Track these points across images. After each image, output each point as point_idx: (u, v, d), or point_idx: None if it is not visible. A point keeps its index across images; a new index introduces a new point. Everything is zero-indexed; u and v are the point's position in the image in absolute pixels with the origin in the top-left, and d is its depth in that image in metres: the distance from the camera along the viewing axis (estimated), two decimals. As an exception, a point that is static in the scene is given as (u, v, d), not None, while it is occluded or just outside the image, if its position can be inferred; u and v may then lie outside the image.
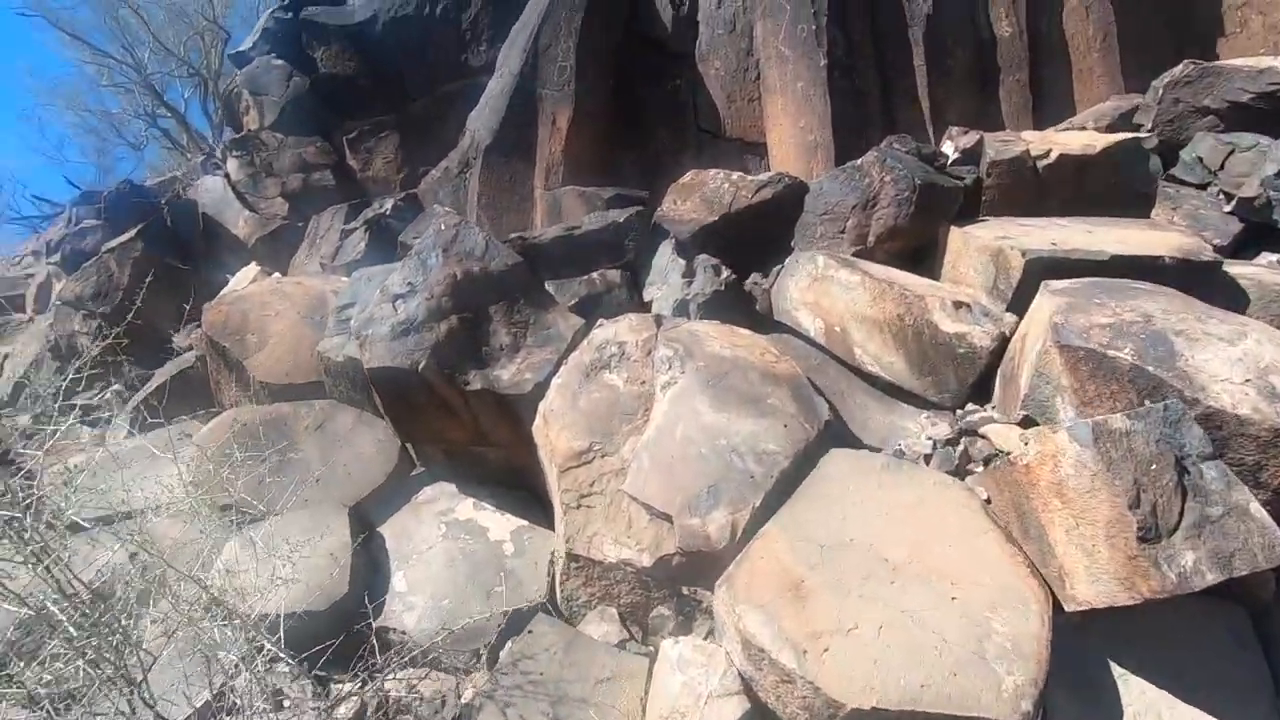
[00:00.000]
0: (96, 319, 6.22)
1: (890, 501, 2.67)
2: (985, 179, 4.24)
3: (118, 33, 10.94)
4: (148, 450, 4.34)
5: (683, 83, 7.20)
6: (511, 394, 3.54)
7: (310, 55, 7.46)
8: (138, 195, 7.59)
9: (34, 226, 11.53)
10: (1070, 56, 7.00)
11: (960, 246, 3.88)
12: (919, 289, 3.58)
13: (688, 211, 4.63)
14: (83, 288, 6.27)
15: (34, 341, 6.56)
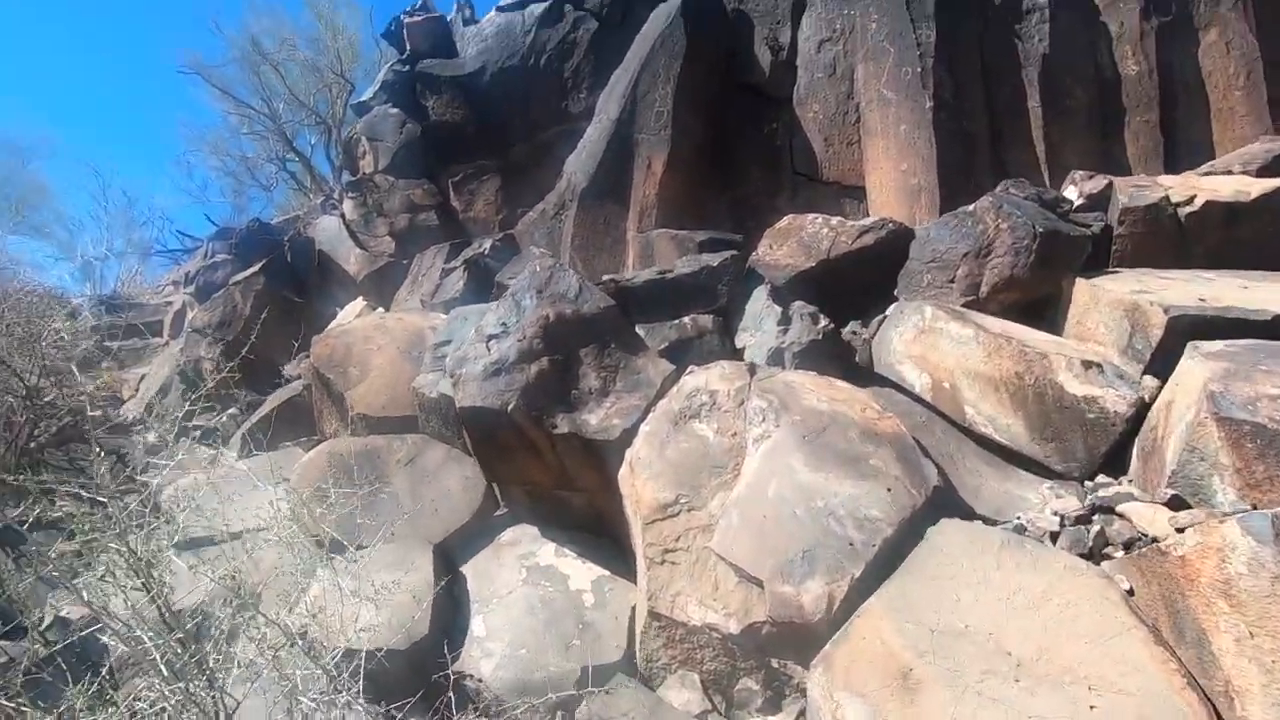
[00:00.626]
0: (220, 346, 6.69)
1: (1012, 585, 2.38)
2: (1116, 227, 3.89)
3: (258, 87, 12.06)
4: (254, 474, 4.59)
5: (779, 126, 7.13)
6: (598, 439, 3.48)
7: (423, 104, 7.92)
8: (265, 233, 8.21)
9: (176, 259, 12.74)
10: (1208, 95, 6.47)
11: (1088, 300, 3.54)
12: (1041, 345, 3.28)
13: (784, 257, 4.50)
14: (210, 317, 6.78)
15: (166, 365, 7.13)
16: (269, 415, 5.58)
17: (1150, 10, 6.46)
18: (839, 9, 6.86)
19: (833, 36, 6.89)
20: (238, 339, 6.68)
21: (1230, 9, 6.36)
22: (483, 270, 5.98)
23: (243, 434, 5.61)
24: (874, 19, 6.64)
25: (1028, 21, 6.65)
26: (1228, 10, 6.37)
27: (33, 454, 5.47)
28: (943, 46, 6.39)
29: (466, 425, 3.61)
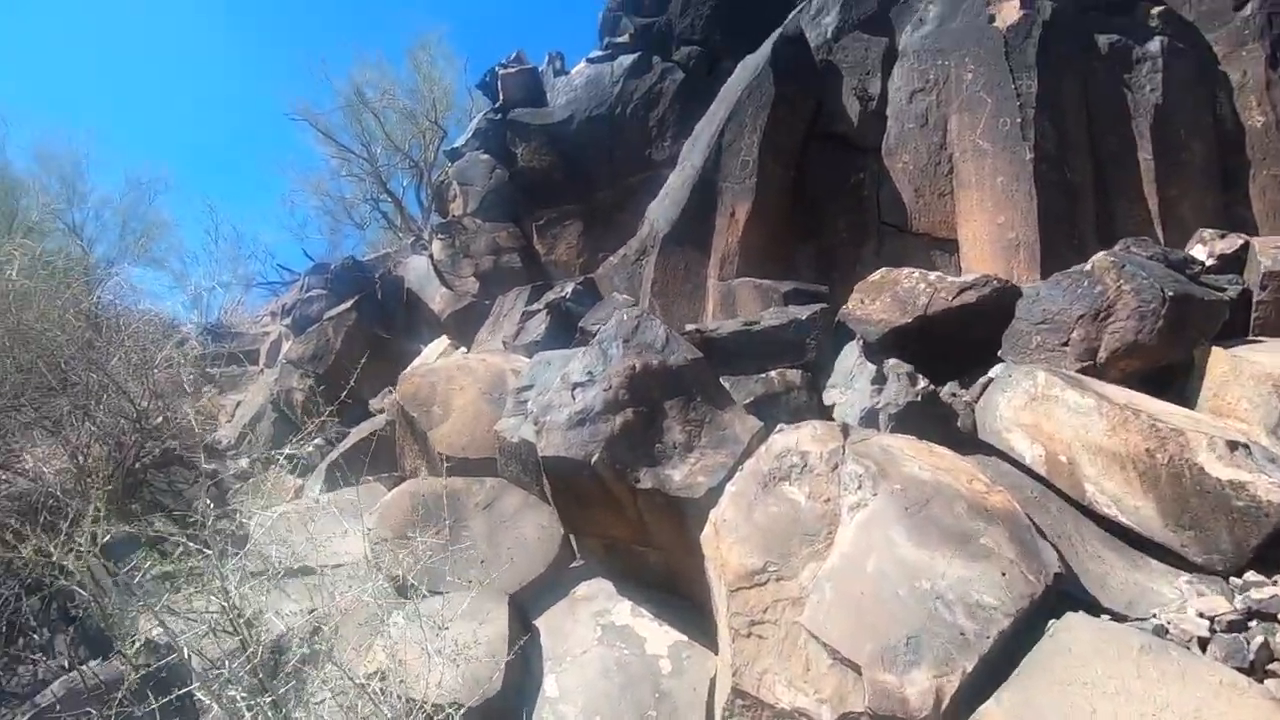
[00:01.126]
0: (311, 378, 6.97)
1: (1158, 700, 2.10)
2: (1258, 292, 3.55)
3: (359, 132, 12.84)
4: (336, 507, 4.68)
5: (866, 176, 6.99)
6: (681, 496, 3.35)
7: (512, 151, 8.20)
8: (358, 270, 8.59)
9: (275, 291, 13.53)
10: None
11: (1228, 372, 3.22)
12: (1175, 420, 2.98)
13: (877, 312, 4.32)
14: (304, 349, 7.09)
15: (261, 393, 7.48)
16: (353, 448, 5.73)
17: (1278, 58, 6.06)
18: (933, 60, 6.72)
19: (925, 87, 6.75)
20: (328, 372, 6.96)
21: (1372, 57, 5.89)
22: (564, 314, 6.03)
23: (327, 465, 5.77)
24: (970, 69, 6.47)
25: (1138, 71, 6.34)
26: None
27: (137, 474, 5.77)
28: (1044, 96, 6.15)
29: (548, 474, 3.56)
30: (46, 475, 5.08)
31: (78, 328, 6.07)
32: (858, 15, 7.27)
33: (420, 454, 5.04)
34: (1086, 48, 6.45)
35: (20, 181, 11.99)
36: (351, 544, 3.91)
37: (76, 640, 4.32)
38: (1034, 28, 6.27)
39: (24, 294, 6.61)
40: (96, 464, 5.38)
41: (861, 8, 7.29)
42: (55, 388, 5.30)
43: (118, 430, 5.95)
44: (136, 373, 6.38)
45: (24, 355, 5.43)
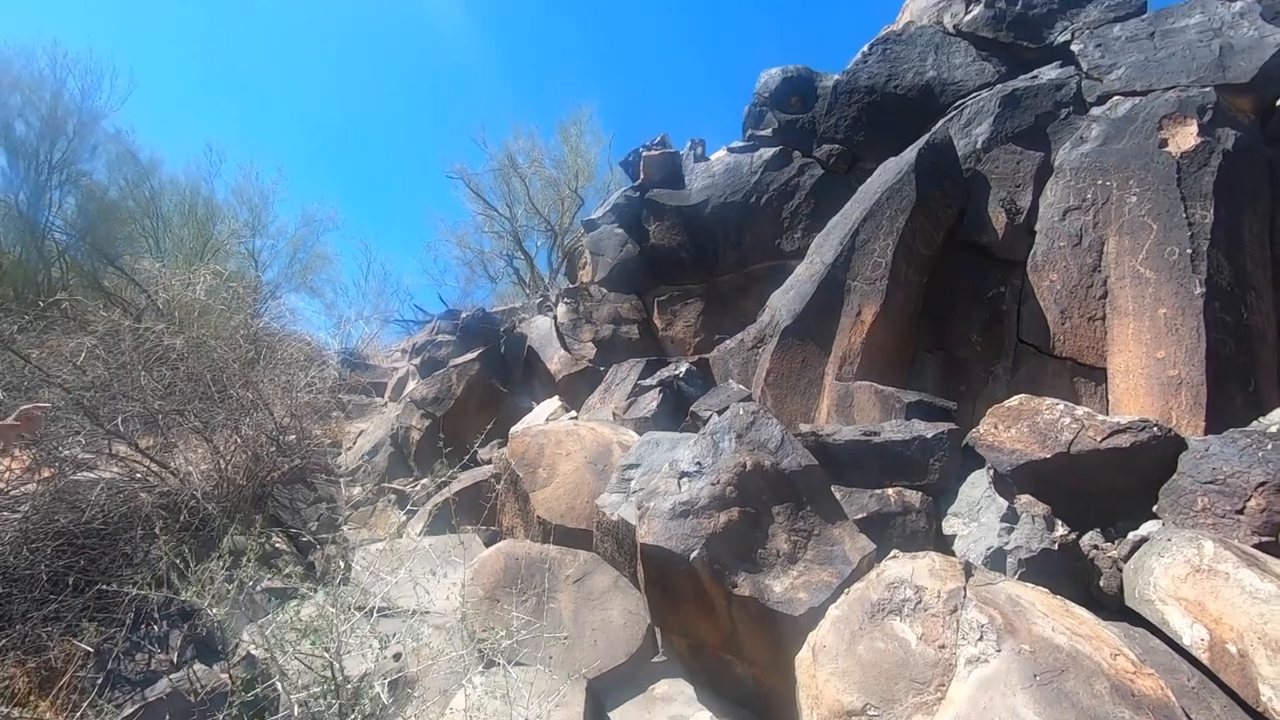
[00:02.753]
0: (430, 419, 7.34)
1: None
2: None
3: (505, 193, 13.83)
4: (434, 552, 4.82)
5: (1007, 291, 6.69)
6: (779, 610, 3.19)
7: (645, 228, 8.52)
8: (486, 321, 9.10)
9: (408, 329, 14.56)
10: None
11: None
12: (1383, 631, 2.52)
13: (1011, 441, 4.03)
14: (427, 391, 7.50)
15: (382, 426, 7.95)
16: (457, 494, 5.92)
17: None
18: (1092, 179, 6.43)
19: (1082, 205, 6.43)
20: (446, 416, 7.31)
21: None
22: (676, 392, 6.06)
23: (431, 507, 5.99)
24: (1134, 192, 6.13)
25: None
26: None
27: (266, 488, 6.23)
28: (1220, 228, 5.70)
29: (644, 562, 3.50)
30: (194, 477, 5.59)
31: (243, 347, 6.75)
32: (1012, 128, 7.12)
33: (519, 513, 5.13)
34: (1275, 181, 5.95)
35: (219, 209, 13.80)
36: (443, 592, 4.01)
37: (188, 639, 4.62)
38: (1213, 156, 5.88)
39: (205, 310, 7.48)
40: (236, 472, 5.87)
41: (1016, 120, 7.14)
42: (216, 399, 5.89)
43: (258, 444, 6.50)
44: (283, 393, 6.99)
45: (196, 366, 6.09)
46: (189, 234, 12.29)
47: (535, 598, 3.94)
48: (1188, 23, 6.82)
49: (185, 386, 6.07)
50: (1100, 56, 7.05)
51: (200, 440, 5.81)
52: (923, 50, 8.07)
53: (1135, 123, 6.38)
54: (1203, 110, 6.08)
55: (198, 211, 12.73)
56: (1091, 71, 7.01)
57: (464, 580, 4.04)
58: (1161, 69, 6.60)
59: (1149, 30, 6.98)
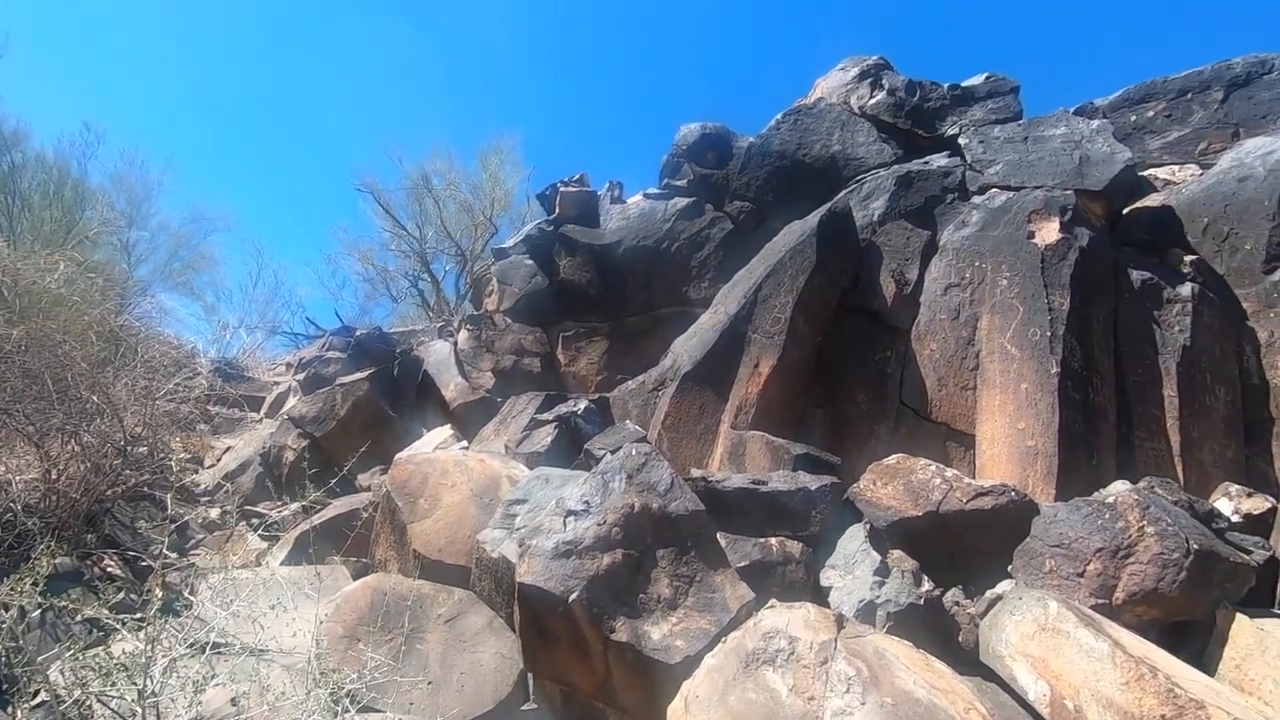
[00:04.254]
0: (307, 440, 6.85)
1: None
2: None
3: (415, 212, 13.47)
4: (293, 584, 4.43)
5: (892, 355, 7.11)
6: (655, 657, 3.12)
7: (556, 262, 8.50)
8: (382, 340, 8.70)
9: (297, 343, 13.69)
10: (1372, 425, 5.97)
11: (1252, 645, 3.03)
12: (1195, 690, 2.77)
13: (888, 498, 4.21)
14: (308, 409, 7.03)
15: (253, 444, 7.35)
16: (327, 523, 5.52)
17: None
18: (970, 260, 7.01)
19: (960, 283, 6.99)
20: (326, 437, 6.85)
21: (1399, 343, 6.03)
22: (572, 429, 5.97)
23: (297, 535, 5.54)
24: (1005, 276, 6.72)
25: (1168, 310, 6.53)
26: (1396, 343, 6.04)
27: (104, 504, 5.56)
28: (1074, 316, 6.31)
29: (521, 602, 3.35)
30: (14, 486, 4.91)
31: (96, 344, 6.09)
32: (904, 206, 7.68)
33: (394, 546, 4.83)
34: (1118, 279, 6.70)
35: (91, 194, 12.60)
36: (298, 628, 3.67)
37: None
38: (1071, 250, 6.55)
39: (57, 301, 6.72)
40: (69, 484, 5.21)
41: (909, 200, 7.72)
42: (54, 400, 5.24)
43: (100, 454, 5.81)
44: (139, 399, 6.32)
45: (35, 362, 5.42)
46: (51, 217, 11.11)
47: (401, 637, 3.68)
48: (1054, 133, 7.68)
49: (19, 383, 5.37)
50: (982, 152, 7.78)
51: (29, 445, 5.14)
52: (830, 125, 8.64)
53: (1009, 214, 7.04)
54: (1064, 210, 6.80)
55: (65, 194, 11.56)
56: (974, 164, 7.73)
57: (321, 616, 3.72)
58: (1032, 169, 7.36)
59: (1023, 135, 7.80)
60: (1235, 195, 6.93)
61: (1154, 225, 7.22)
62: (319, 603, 3.81)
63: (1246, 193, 6.87)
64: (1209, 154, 8.28)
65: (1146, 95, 9.09)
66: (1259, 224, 6.67)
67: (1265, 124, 8.14)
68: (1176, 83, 8.89)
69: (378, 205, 14.01)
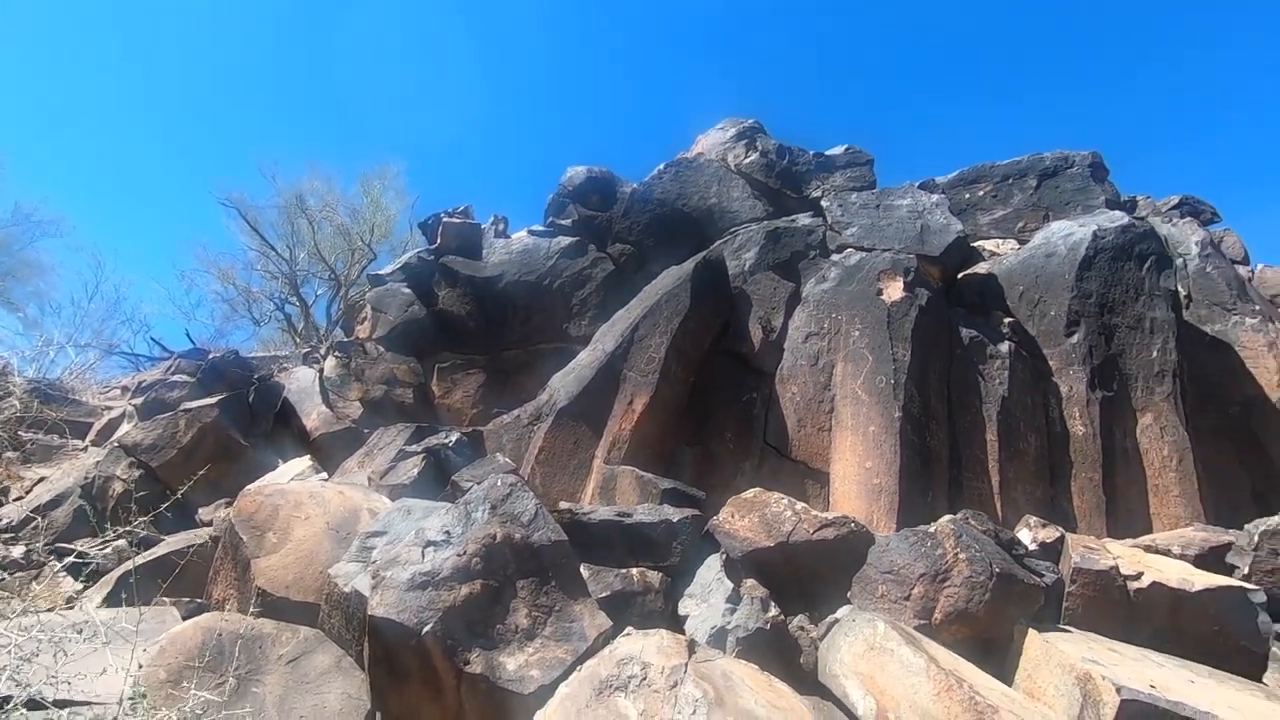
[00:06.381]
0: (141, 470, 6.23)
1: None
2: (1069, 584, 3.95)
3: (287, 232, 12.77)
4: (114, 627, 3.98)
5: (758, 397, 7.54)
6: (509, 688, 3.10)
7: (435, 292, 8.37)
8: (238, 365, 8.10)
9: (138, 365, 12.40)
10: (1145, 470, 7.01)
11: (1040, 656, 3.46)
12: (992, 697, 3.12)
13: (744, 529, 4.45)
14: (144, 436, 6.41)
15: (73, 474, 6.56)
16: (158, 561, 5.02)
17: (1095, 383, 7.25)
18: (828, 312, 7.64)
19: (819, 332, 7.58)
20: (165, 467, 6.27)
21: (1164, 399, 7.16)
22: (441, 462, 5.84)
23: (119, 575, 5.00)
24: (858, 327, 7.38)
25: (990, 364, 7.40)
26: (1161, 400, 7.17)
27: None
28: (914, 366, 7.02)
29: (371, 636, 3.23)
30: None
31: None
32: (772, 259, 8.28)
33: (235, 583, 4.48)
34: (952, 335, 7.54)
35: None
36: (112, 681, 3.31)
37: None
38: (912, 308, 7.31)
39: None
40: None
41: (777, 253, 8.33)
42: None
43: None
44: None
45: None
46: None
47: (236, 680, 3.42)
48: (902, 202, 8.60)
49: None
50: (841, 215, 8.57)
51: None
52: (709, 179, 9.20)
53: (861, 272, 7.77)
54: (908, 271, 7.61)
55: None
56: (834, 225, 8.49)
57: (142, 660, 3.39)
58: (882, 234, 8.18)
59: (876, 202, 8.68)
60: (1043, 269, 8.04)
61: (981, 290, 8.22)
62: (136, 647, 3.47)
63: (1052, 267, 8.00)
64: (1025, 231, 9.54)
65: (978, 177, 10.38)
66: (1061, 294, 7.77)
67: (1068, 209, 9.54)
68: (1001, 169, 10.25)
69: (244, 222, 13.16)
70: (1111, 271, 7.75)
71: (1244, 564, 4.48)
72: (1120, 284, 7.70)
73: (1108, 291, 7.66)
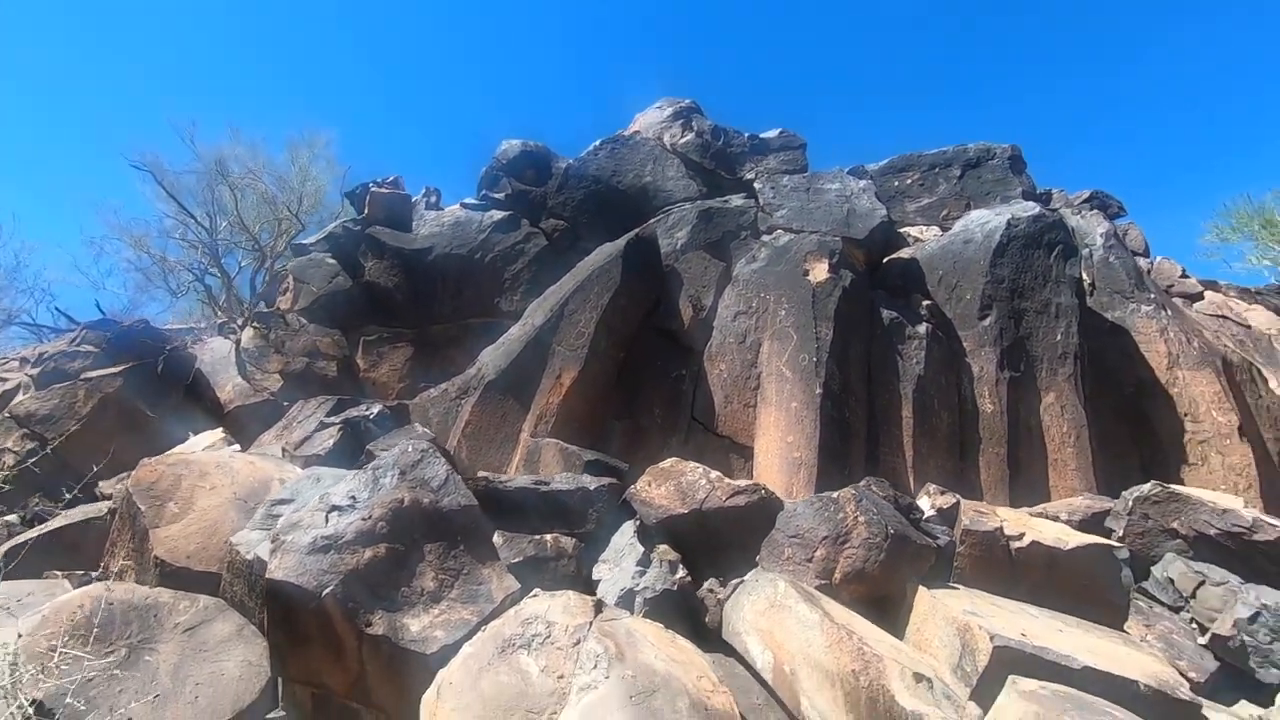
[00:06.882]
0: (36, 441, 5.90)
1: None
2: (959, 545, 4.19)
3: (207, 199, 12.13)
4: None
5: (687, 374, 7.66)
6: (412, 649, 3.11)
7: (361, 263, 8.15)
8: (147, 335, 7.72)
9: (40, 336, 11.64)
10: (1046, 445, 7.45)
11: (927, 610, 3.67)
12: (879, 647, 3.30)
13: (659, 497, 4.55)
14: (39, 407, 6.07)
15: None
16: (53, 535, 4.79)
17: (1004, 364, 7.64)
18: (757, 291, 7.80)
19: (748, 311, 7.74)
20: (65, 440, 5.95)
21: (1065, 380, 7.61)
22: (361, 434, 5.73)
23: (7, 549, 4.74)
24: (784, 306, 7.56)
25: (908, 344, 7.70)
26: (1063, 381, 7.61)
27: None
28: (837, 344, 7.25)
29: (269, 600, 3.18)
30: None
31: None
32: (704, 238, 8.38)
33: (134, 554, 4.31)
34: (873, 316, 7.81)
35: None
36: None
37: None
38: (836, 289, 7.54)
39: None
40: None
41: (709, 233, 8.44)
42: None
43: None
44: None
45: None
46: None
47: (128, 649, 3.31)
48: (831, 186, 8.82)
49: None
50: (772, 196, 8.73)
51: None
52: (644, 158, 9.21)
53: (789, 253, 7.95)
54: (833, 253, 7.82)
55: None
56: (766, 206, 8.64)
57: (25, 629, 3.25)
58: (811, 216, 8.38)
59: (806, 185, 8.87)
60: (961, 255, 8.39)
61: (903, 274, 8.52)
62: (20, 618, 3.32)
63: (969, 253, 8.35)
64: (948, 219, 9.91)
65: (906, 165, 10.71)
66: (976, 279, 8.13)
67: (989, 199, 9.96)
68: (929, 158, 10.61)
69: (160, 187, 12.42)
70: (1023, 259, 8.15)
71: (1119, 527, 4.84)
72: (1030, 270, 8.11)
73: (1019, 277, 8.06)
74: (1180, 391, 8.03)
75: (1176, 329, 8.48)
